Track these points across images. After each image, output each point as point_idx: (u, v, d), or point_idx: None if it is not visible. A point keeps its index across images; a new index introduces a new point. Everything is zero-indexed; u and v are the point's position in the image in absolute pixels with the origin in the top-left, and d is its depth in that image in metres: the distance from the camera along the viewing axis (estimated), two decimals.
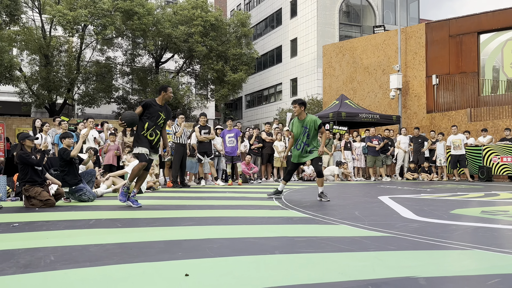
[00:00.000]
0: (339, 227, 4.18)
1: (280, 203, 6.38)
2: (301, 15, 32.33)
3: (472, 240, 3.46)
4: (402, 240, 3.44)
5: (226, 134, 11.42)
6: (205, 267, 2.61)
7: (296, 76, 32.95)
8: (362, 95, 21.24)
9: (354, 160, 14.62)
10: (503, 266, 2.62)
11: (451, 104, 17.99)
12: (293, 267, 2.59)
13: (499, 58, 17.30)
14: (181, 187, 10.01)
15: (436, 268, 2.56)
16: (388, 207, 5.93)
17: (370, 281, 2.28)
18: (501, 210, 5.54)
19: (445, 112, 17.71)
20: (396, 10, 31.32)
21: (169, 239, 3.52)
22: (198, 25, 24.24)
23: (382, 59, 20.51)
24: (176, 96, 24.57)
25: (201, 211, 5.47)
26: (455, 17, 18.43)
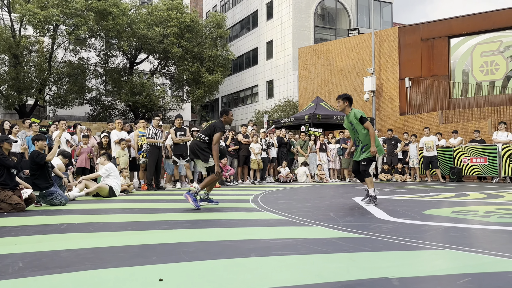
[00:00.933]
0: (315, 228, 4.21)
1: (256, 205, 6.38)
2: (276, 17, 32.49)
3: (443, 240, 3.53)
4: (376, 241, 3.49)
5: None
6: (180, 271, 2.57)
7: (272, 78, 33.08)
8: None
9: (329, 161, 14.76)
10: (473, 265, 2.69)
11: (423, 107, 18.40)
12: (269, 270, 2.59)
13: (468, 62, 17.80)
14: (156, 190, 9.90)
15: (409, 268, 2.61)
16: (363, 208, 6.00)
17: (344, 282, 2.30)
18: (471, 210, 5.69)
19: (417, 114, 18.10)
20: (370, 13, 31.84)
21: (143, 243, 3.46)
22: (174, 26, 24.07)
23: (356, 62, 20.81)
24: (151, 97, 24.32)
25: (176, 214, 5.42)
26: (426, 22, 18.87)
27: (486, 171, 12.99)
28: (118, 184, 8.26)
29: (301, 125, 16.52)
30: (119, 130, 10.67)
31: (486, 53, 17.43)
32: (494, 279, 2.37)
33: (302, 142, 14.65)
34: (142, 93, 24.17)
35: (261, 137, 13.61)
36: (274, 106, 29.24)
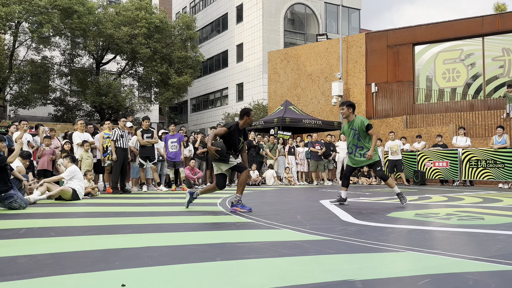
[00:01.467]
0: (281, 231, 4.22)
1: (224, 209, 6.35)
2: (247, 20, 32.60)
3: (406, 242, 3.62)
4: (341, 244, 3.53)
5: (169, 139, 11.20)
6: (144, 276, 2.52)
7: (242, 81, 33.15)
8: (305, 101, 21.74)
9: (297, 164, 14.89)
10: (433, 266, 2.76)
11: (389, 111, 18.85)
12: (234, 274, 2.57)
13: (432, 69, 18.38)
14: (121, 193, 9.70)
15: (372, 270, 2.65)
16: (329, 210, 6.07)
17: (309, 285, 2.31)
18: (432, 212, 5.86)
19: (383, 119, 18.52)
20: (338, 19, 32.40)
21: (106, 248, 3.38)
22: (142, 26, 23.73)
23: (324, 67, 21.12)
24: (118, 98, 23.86)
25: (141, 218, 5.32)
26: (392, 29, 19.37)
27: (447, 174, 13.42)
28: (82, 187, 8.05)
29: (270, 128, 16.60)
30: (82, 131, 10.40)
31: (448, 61, 18.05)
32: (453, 280, 2.44)
33: (271, 145, 14.72)
34: (108, 94, 23.68)
35: None
36: None
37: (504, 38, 16.92)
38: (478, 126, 15.62)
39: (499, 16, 17.35)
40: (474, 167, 12.78)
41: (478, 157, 12.68)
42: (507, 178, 12.08)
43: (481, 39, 17.38)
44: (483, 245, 3.47)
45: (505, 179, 12.15)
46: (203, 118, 38.30)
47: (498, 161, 12.23)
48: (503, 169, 12.15)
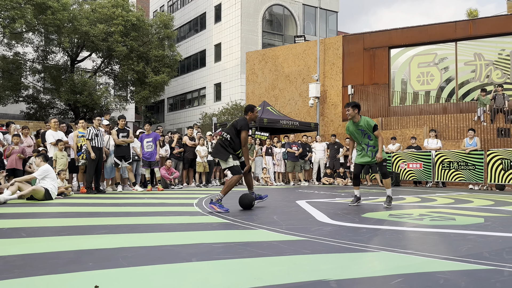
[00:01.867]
0: (258, 232, 4.23)
1: (201, 209, 6.32)
2: (225, 20, 32.54)
3: (380, 242, 3.68)
4: (316, 244, 3.56)
5: (144, 138, 11.05)
6: (118, 277, 2.49)
7: (220, 81, 33.06)
8: (283, 102, 21.84)
9: (274, 165, 14.95)
10: (406, 266, 2.81)
11: (365, 113, 19.10)
12: (210, 274, 2.56)
13: (407, 72, 18.75)
14: (96, 193, 9.53)
15: (346, 270, 2.68)
16: (305, 211, 6.12)
17: (284, 285, 2.33)
18: (406, 213, 5.97)
19: None
20: (316, 21, 32.69)
21: (79, 249, 3.31)
22: (119, 24, 23.37)
23: (302, 68, 21.26)
24: (93, 96, 23.44)
25: (116, 218, 5.24)
26: (369, 32, 19.66)
27: (421, 176, 13.70)
28: (55, 186, 7.88)
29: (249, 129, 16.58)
30: (55, 130, 10.18)
31: (422, 64, 18.44)
32: (424, 279, 2.49)
33: (249, 145, 14.72)
34: (83, 92, 23.23)
35: (208, 140, 13.52)
36: (221, 109, 29.20)
37: (476, 44, 17.41)
38: (450, 128, 16.01)
39: (471, 22, 17.84)
40: (446, 168, 13.09)
41: (450, 159, 12.99)
42: (478, 179, 12.41)
43: (454, 44, 17.83)
44: (454, 245, 3.56)
45: (475, 181, 12.48)
46: (180, 117, 38.01)
47: (469, 163, 12.57)
48: (473, 171, 12.48)
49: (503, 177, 11.76)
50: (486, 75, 17.15)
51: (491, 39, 17.10)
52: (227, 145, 6.15)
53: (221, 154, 6.14)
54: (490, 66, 17.07)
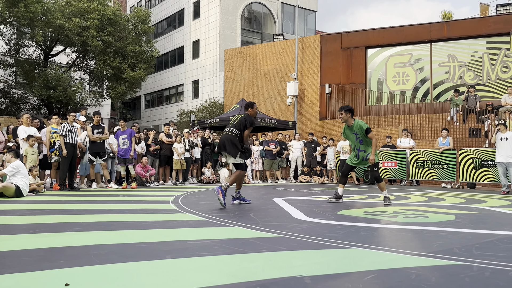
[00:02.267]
0: (234, 229, 4.22)
1: (177, 207, 6.27)
2: (203, 17, 32.33)
3: (354, 239, 3.72)
4: (292, 241, 3.58)
5: (120, 135, 10.88)
6: (89, 275, 2.44)
7: (198, 78, 32.85)
8: (261, 100, 21.86)
9: (252, 163, 14.96)
10: (379, 262, 2.85)
11: None
12: (184, 272, 2.54)
13: (383, 72, 19.02)
14: (69, 190, 9.34)
15: (321, 266, 2.70)
16: (282, 208, 6.14)
17: (259, 282, 2.32)
18: (380, 210, 6.06)
19: (336, 119, 18.95)
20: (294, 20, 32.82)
21: (50, 247, 3.24)
22: (94, 18, 22.92)
23: (280, 67, 21.32)
24: (67, 92, 22.95)
25: (90, 215, 5.15)
26: (346, 31, 19.85)
27: (396, 174, 13.94)
28: (26, 183, 7.68)
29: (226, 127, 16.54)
30: (27, 125, 9.92)
31: (398, 65, 18.74)
32: (397, 274, 2.53)
33: None
34: (57, 87, 22.71)
35: (185, 137, 13.42)
36: (199, 106, 29.03)
37: (450, 45, 17.79)
38: (424, 128, 16.33)
39: (445, 24, 18.22)
40: (420, 167, 13.35)
41: (424, 158, 13.26)
42: (450, 178, 12.71)
43: (429, 45, 18.17)
44: (426, 242, 3.63)
45: (448, 179, 12.78)
46: (157, 114, 37.61)
47: (442, 162, 12.85)
48: (446, 169, 12.78)
49: (474, 176, 12.08)
50: (459, 76, 17.56)
51: (464, 41, 17.51)
52: (237, 141, 6.35)
53: (232, 150, 6.32)
54: (463, 68, 17.49)
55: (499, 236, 3.95)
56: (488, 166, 11.76)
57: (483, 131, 14.45)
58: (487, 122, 14.06)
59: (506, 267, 2.74)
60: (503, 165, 10.33)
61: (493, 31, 16.76)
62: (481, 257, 3.02)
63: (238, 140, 6.35)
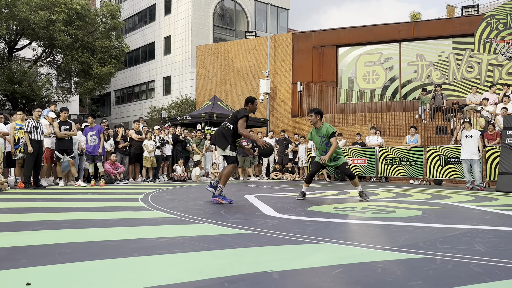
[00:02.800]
0: (204, 226, 4.19)
1: (146, 204, 6.18)
2: (175, 13, 31.97)
3: (323, 234, 3.76)
4: (261, 237, 3.58)
5: (88, 132, 10.62)
6: (52, 274, 2.37)
7: (169, 74, 32.47)
8: (234, 98, 21.81)
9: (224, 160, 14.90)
10: (347, 257, 2.89)
11: None
12: (151, 269, 2.50)
13: (353, 71, 19.31)
14: (34, 188, 9.07)
15: (289, 262, 2.72)
16: (253, 205, 6.15)
17: (227, 278, 2.31)
18: (349, 206, 6.16)
19: (307, 117, 19.11)
20: (267, 18, 32.87)
21: (12, 246, 3.13)
22: (61, 12, 22.30)
23: (253, 64, 21.33)
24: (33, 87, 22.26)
25: (55, 214, 5.01)
26: (318, 30, 20.03)
27: (365, 171, 14.18)
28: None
29: (198, 124, 16.44)
30: None
31: (368, 63, 19.06)
32: (363, 268, 2.57)
33: (198, 140, 14.59)
34: (22, 82, 21.99)
35: (155, 134, 13.24)
36: (171, 103, 28.71)
37: (418, 45, 18.22)
38: (393, 126, 16.68)
39: (414, 24, 18.65)
40: (389, 164, 13.63)
41: (393, 155, 13.54)
42: (418, 175, 13.03)
43: (398, 45, 18.56)
44: (392, 236, 3.71)
45: (416, 176, 13.10)
46: (127, 111, 36.97)
47: (410, 159, 13.16)
48: (414, 166, 13.09)
49: (440, 172, 12.42)
50: (427, 75, 18.01)
51: (432, 41, 17.97)
52: (228, 135, 6.35)
53: (220, 142, 6.35)
54: (430, 67, 17.94)
55: (462, 230, 4.08)
56: (453, 163, 12.12)
57: (449, 129, 14.88)
58: (453, 120, 14.48)
59: (467, 260, 2.82)
60: (468, 162, 10.67)
61: (458, 32, 17.26)
62: (445, 251, 3.11)
63: (230, 134, 6.36)
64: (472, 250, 3.14)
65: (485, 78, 16.84)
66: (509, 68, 16.36)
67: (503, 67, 16.54)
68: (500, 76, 16.62)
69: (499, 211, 5.83)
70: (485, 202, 7.06)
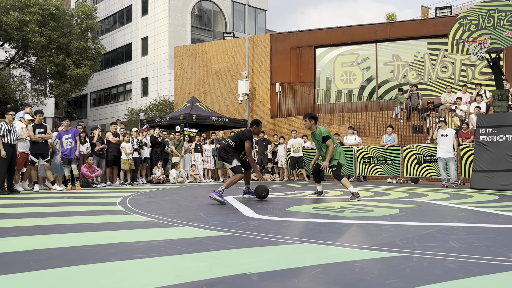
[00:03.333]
0: (183, 229, 4.16)
1: (124, 208, 6.10)
2: (152, 14, 31.68)
3: (302, 234, 3.78)
4: (241, 238, 3.58)
5: (63, 135, 10.37)
6: (26, 282, 2.31)
7: (147, 76, 32.15)
8: (213, 99, 21.74)
9: (203, 162, 14.84)
10: (325, 256, 2.91)
11: (292, 111, 19.60)
12: (129, 274, 2.47)
13: (331, 71, 19.48)
14: (8, 193, 8.84)
15: (268, 263, 2.72)
16: (232, 206, 6.13)
17: (205, 281, 2.30)
18: (328, 206, 6.20)
19: (286, 118, 19.21)
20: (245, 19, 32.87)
21: None
22: (35, 12, 21.82)
23: (231, 65, 21.30)
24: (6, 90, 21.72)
25: (30, 219, 4.89)
26: (296, 31, 20.14)
27: (343, 170, 14.31)
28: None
29: (176, 125, 16.32)
30: None
31: (345, 64, 19.26)
32: (342, 268, 2.59)
33: (177, 142, 14.48)
34: None
35: (133, 136, 13.09)
36: (149, 104, 28.42)
37: (394, 45, 18.51)
38: (371, 125, 16.90)
39: (389, 25, 18.94)
40: (367, 163, 13.80)
41: (371, 154, 13.72)
42: (395, 173, 13.24)
43: (375, 45, 18.82)
44: (370, 235, 3.75)
45: (393, 175, 13.30)
46: (104, 113, 36.42)
47: (388, 158, 13.36)
48: (391, 165, 13.29)
49: (417, 171, 12.65)
50: (403, 75, 18.31)
51: (407, 42, 18.29)
52: (230, 150, 6.98)
53: (227, 159, 6.96)
54: (406, 67, 18.25)
55: (438, 228, 4.16)
56: (430, 161, 12.35)
57: (425, 128, 15.16)
58: (429, 119, 14.77)
59: (443, 257, 2.88)
60: (443, 160, 10.89)
61: (433, 32, 17.62)
62: (421, 248, 3.16)
63: (232, 150, 6.98)
64: (447, 247, 3.20)
65: (459, 78, 17.24)
66: (481, 68, 16.79)
67: (476, 67, 16.96)
68: (473, 75, 17.03)
69: (474, 208, 5.97)
70: (460, 200, 7.22)
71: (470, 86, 16.34)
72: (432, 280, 2.33)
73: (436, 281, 2.30)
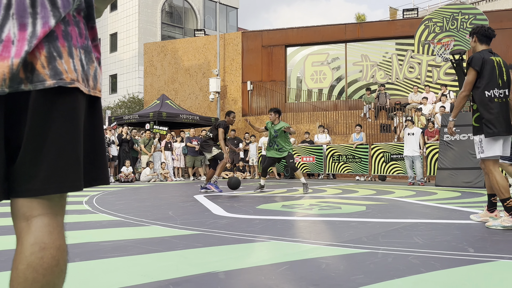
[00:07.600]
0: (150, 228, 4.11)
1: (91, 207, 5.97)
2: (121, 9, 31.10)
3: (271, 232, 3.80)
4: (209, 237, 3.56)
5: None
6: None
7: (116, 72, 31.56)
8: (183, 96, 21.55)
9: (174, 160, 14.69)
10: (292, 253, 2.94)
11: (263, 109, 19.65)
12: (93, 274, 2.42)
13: (302, 70, 19.65)
14: None
15: (236, 261, 2.72)
16: (202, 205, 6.10)
17: (172, 280, 2.28)
18: (297, 203, 6.26)
19: (258, 116, 19.24)
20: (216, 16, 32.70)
21: None
22: None
23: (202, 63, 21.16)
24: None
25: None
26: (267, 29, 20.20)
27: (314, 168, 14.49)
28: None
29: (146, 123, 16.09)
30: None
31: (316, 63, 19.47)
32: (308, 264, 2.62)
33: (147, 140, 14.27)
34: None
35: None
36: (117, 101, 27.90)
37: (363, 46, 18.84)
38: (340, 124, 17.15)
39: (359, 25, 19.26)
40: (336, 161, 14.01)
41: (340, 152, 13.93)
42: (363, 171, 13.49)
43: (344, 45, 19.10)
44: (337, 232, 3.81)
45: (361, 172, 13.55)
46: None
47: (356, 156, 13.59)
48: (360, 163, 13.54)
49: (384, 169, 12.93)
50: (372, 75, 18.66)
51: (376, 42, 18.64)
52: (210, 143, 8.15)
53: (206, 149, 8.17)
54: (375, 67, 18.61)
55: (403, 224, 4.26)
56: (397, 159, 12.65)
57: (392, 127, 15.50)
58: (396, 119, 15.11)
59: (406, 252, 2.95)
60: (410, 158, 11.17)
61: (400, 33, 18.03)
62: (386, 244, 3.23)
63: (212, 141, 8.15)
64: (411, 243, 3.29)
65: (425, 78, 17.71)
66: (446, 68, 17.31)
67: (441, 68, 17.47)
68: (438, 76, 17.54)
69: (437, 204, 6.16)
70: (425, 197, 7.43)
71: (434, 87, 16.83)
72: (396, 275, 2.38)
73: (399, 276, 2.36)
